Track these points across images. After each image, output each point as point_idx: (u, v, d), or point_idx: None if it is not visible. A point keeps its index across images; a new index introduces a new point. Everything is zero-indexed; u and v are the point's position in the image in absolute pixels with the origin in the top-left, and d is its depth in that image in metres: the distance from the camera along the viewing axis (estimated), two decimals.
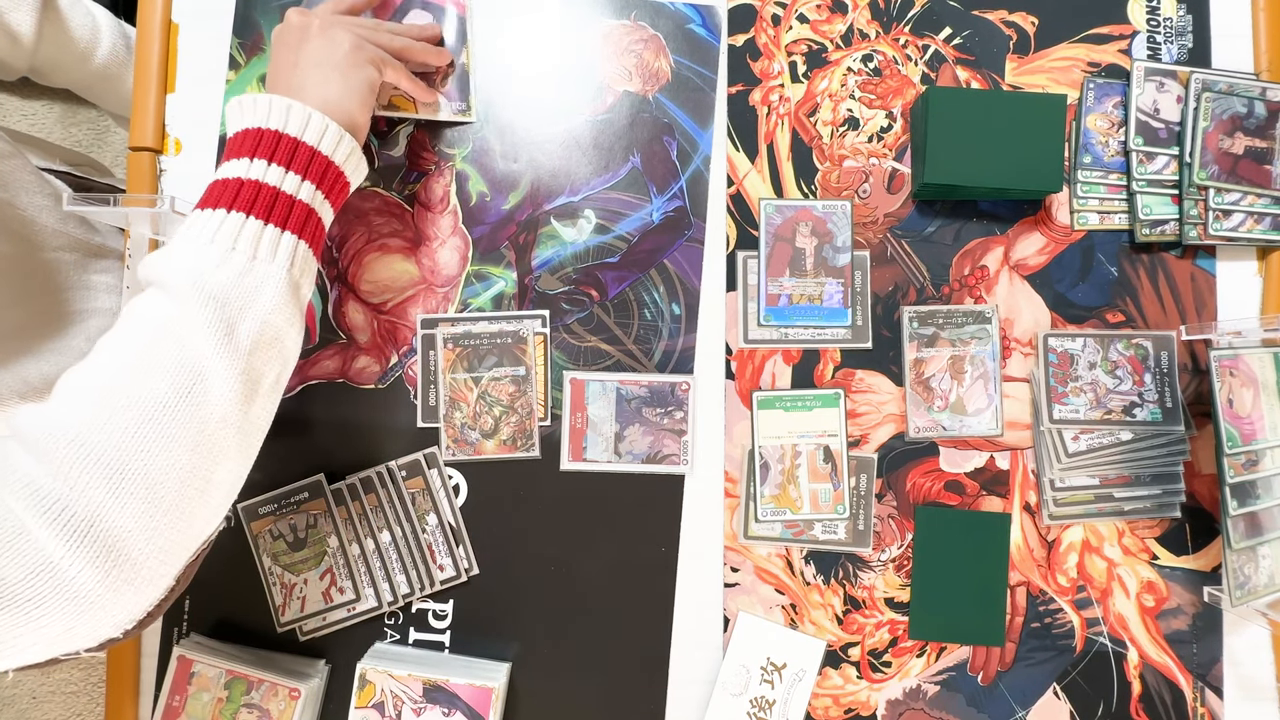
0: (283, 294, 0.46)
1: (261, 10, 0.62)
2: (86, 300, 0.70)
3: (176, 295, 0.43)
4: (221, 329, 0.43)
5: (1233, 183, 0.61)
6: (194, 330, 0.42)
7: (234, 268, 0.45)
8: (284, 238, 0.47)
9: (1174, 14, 0.63)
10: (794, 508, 0.61)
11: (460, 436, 0.61)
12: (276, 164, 0.47)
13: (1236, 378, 0.58)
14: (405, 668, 0.57)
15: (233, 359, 0.43)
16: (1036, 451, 0.62)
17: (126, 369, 0.42)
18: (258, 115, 0.48)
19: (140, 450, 0.40)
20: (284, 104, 0.48)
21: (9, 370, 0.62)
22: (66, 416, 0.40)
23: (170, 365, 0.42)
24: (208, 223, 0.46)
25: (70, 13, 0.74)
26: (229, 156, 0.48)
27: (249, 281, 0.45)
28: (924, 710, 0.61)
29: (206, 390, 0.42)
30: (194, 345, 0.42)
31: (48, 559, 0.37)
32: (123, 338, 0.43)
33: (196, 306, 0.43)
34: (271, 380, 0.46)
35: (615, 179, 0.63)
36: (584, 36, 0.63)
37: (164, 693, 0.58)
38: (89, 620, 0.39)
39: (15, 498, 0.38)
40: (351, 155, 0.51)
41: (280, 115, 0.48)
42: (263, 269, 0.46)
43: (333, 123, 0.50)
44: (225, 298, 0.44)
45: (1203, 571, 0.62)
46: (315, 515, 0.60)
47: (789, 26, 0.63)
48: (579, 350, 0.62)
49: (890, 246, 0.63)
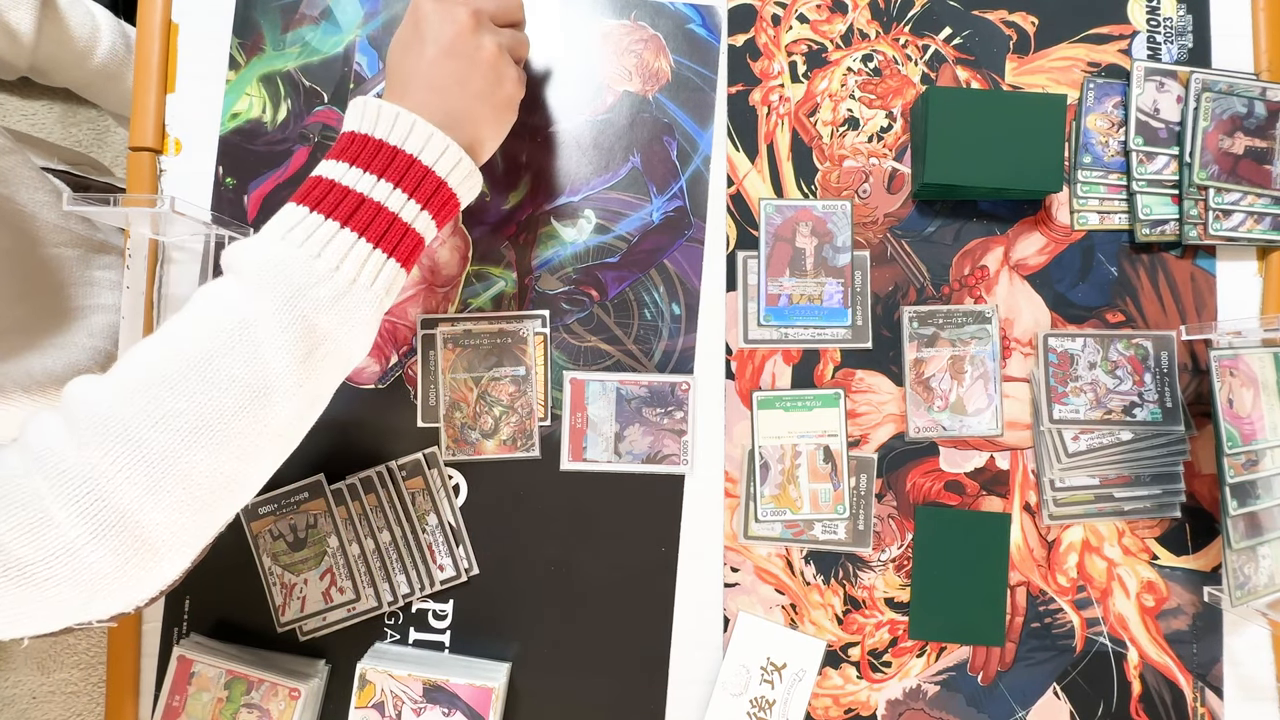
0: (371, 321, 0.45)
1: (261, 10, 0.62)
2: (89, 296, 0.71)
3: (266, 303, 0.41)
4: (302, 351, 0.42)
5: (1233, 183, 0.61)
6: (275, 348, 0.41)
7: (333, 289, 0.42)
8: (387, 265, 0.45)
9: (1174, 14, 0.63)
10: (794, 508, 0.61)
11: (460, 436, 0.61)
12: (402, 191, 0.45)
13: (1236, 378, 0.58)
14: (405, 668, 0.57)
15: (303, 379, 0.42)
16: (1036, 451, 0.62)
17: (194, 370, 0.40)
18: (381, 126, 0.46)
19: (188, 455, 0.39)
20: (409, 121, 0.46)
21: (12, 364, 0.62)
22: (121, 407, 0.39)
23: (239, 377, 0.40)
24: (319, 232, 0.43)
25: (70, 12, 0.74)
26: (346, 158, 0.45)
27: (344, 305, 0.43)
28: (924, 710, 0.61)
29: (269, 406, 0.41)
30: (269, 362, 0.41)
31: (69, 545, 0.37)
32: (197, 330, 0.41)
33: (285, 323, 0.41)
34: (329, 393, 0.45)
35: (615, 179, 0.63)
36: (584, 36, 0.63)
37: (164, 693, 0.58)
38: (104, 599, 0.39)
39: (47, 481, 0.37)
40: (468, 177, 0.48)
41: (403, 132, 0.46)
42: (360, 294, 0.44)
43: (454, 144, 0.47)
44: (315, 321, 0.42)
45: (1203, 571, 0.62)
46: (315, 515, 0.60)
47: (789, 26, 0.63)
48: (579, 350, 0.62)
49: (890, 246, 0.63)
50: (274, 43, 0.62)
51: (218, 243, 0.61)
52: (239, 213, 0.62)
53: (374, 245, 0.44)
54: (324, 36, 0.62)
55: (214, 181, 0.62)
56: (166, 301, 0.61)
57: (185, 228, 0.59)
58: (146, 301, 0.61)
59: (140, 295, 0.61)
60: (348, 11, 0.63)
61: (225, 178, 0.62)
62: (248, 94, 0.62)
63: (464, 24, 0.49)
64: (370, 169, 0.45)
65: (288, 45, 0.62)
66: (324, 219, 0.43)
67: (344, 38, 0.62)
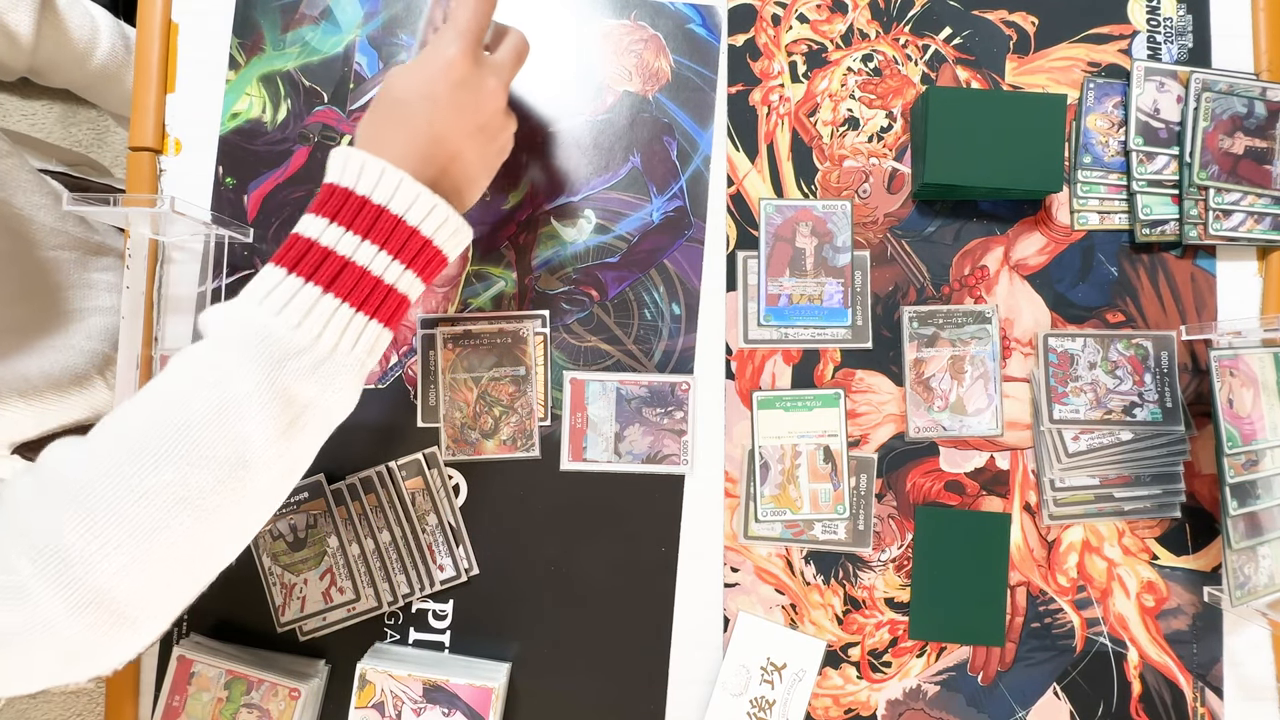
0: (353, 384, 0.44)
1: (261, 10, 0.62)
2: (87, 299, 0.71)
3: (247, 377, 0.40)
4: (283, 422, 0.41)
5: (1233, 183, 0.61)
6: (256, 423, 0.40)
7: (314, 357, 0.42)
8: (369, 327, 0.44)
9: (1174, 14, 0.63)
10: (794, 508, 0.61)
11: (460, 436, 0.61)
12: (387, 253, 0.43)
13: (1236, 378, 0.58)
14: (405, 668, 0.57)
15: (284, 449, 0.41)
16: (1036, 451, 0.62)
17: (173, 446, 0.39)
18: (364, 182, 0.43)
19: (166, 530, 0.38)
20: (394, 179, 0.43)
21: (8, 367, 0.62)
22: (99, 481, 0.38)
23: (219, 451, 0.39)
24: (299, 298, 0.42)
25: (69, 13, 0.74)
26: (327, 213, 0.43)
27: (325, 372, 0.42)
28: (924, 710, 0.61)
29: (249, 478, 0.40)
30: (249, 436, 0.40)
31: (46, 619, 0.36)
32: (177, 403, 0.40)
33: (267, 397, 0.40)
34: (312, 456, 0.45)
35: (615, 179, 0.63)
36: (584, 36, 0.63)
37: (164, 693, 0.58)
38: (81, 667, 0.39)
39: (23, 556, 0.37)
40: (456, 233, 0.47)
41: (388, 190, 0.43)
42: (341, 360, 0.43)
43: (441, 203, 0.45)
44: (296, 391, 0.41)
45: (1203, 571, 0.62)
46: (315, 515, 0.60)
47: (789, 26, 0.63)
48: (579, 350, 0.62)
49: (890, 246, 0.63)
50: (274, 43, 0.62)
51: (217, 242, 0.61)
52: (239, 213, 0.62)
53: (356, 309, 0.43)
54: (324, 36, 0.62)
55: (214, 181, 0.62)
56: (166, 302, 0.61)
57: (185, 228, 0.59)
58: (146, 301, 0.61)
59: (140, 295, 0.61)
60: (348, 11, 0.63)
61: (225, 178, 0.62)
62: (248, 94, 0.62)
63: (457, 64, 0.46)
64: (353, 229, 0.43)
65: (288, 45, 0.62)
66: (304, 283, 0.42)
67: (344, 38, 0.62)
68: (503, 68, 0.49)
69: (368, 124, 0.47)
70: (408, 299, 0.46)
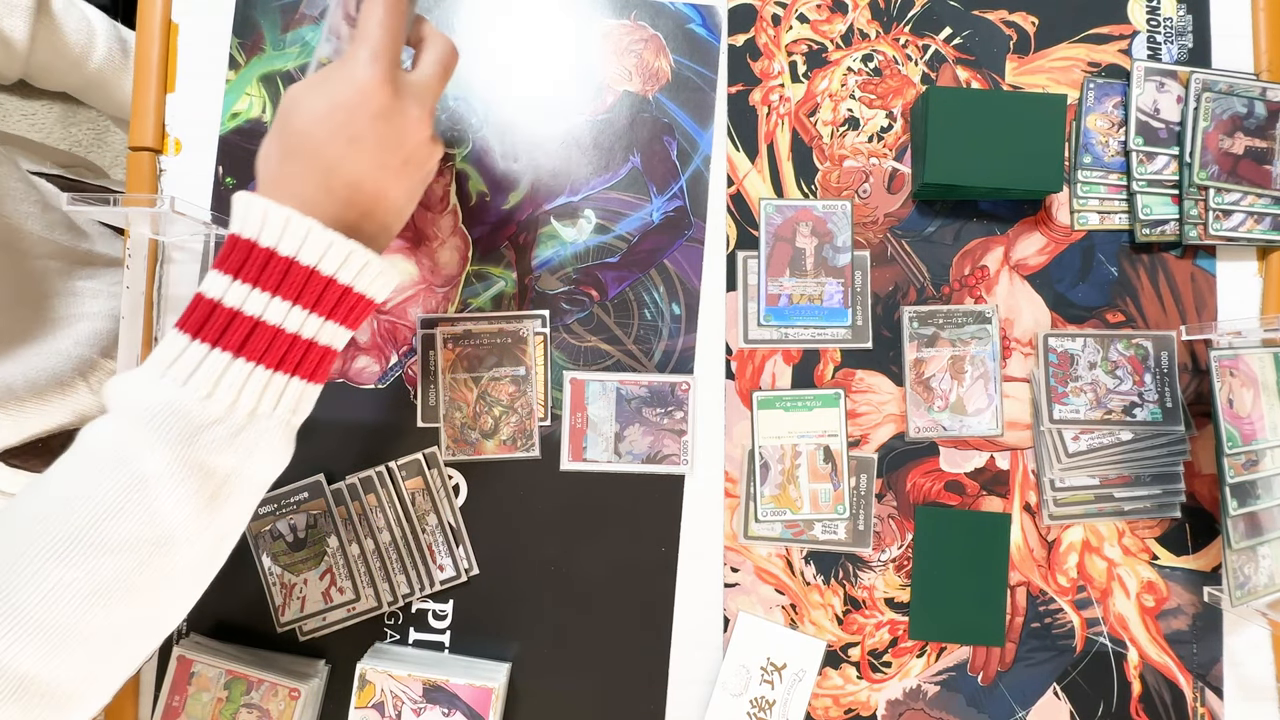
0: (279, 444, 0.41)
1: (261, 10, 0.62)
2: (72, 306, 0.69)
3: (157, 456, 0.37)
4: (203, 497, 0.38)
5: (1233, 183, 0.61)
6: (172, 503, 0.37)
7: (230, 426, 0.39)
8: (291, 385, 0.41)
9: (1174, 14, 0.63)
10: (794, 508, 0.61)
11: (460, 436, 0.61)
12: (301, 307, 0.40)
13: (1236, 378, 0.58)
14: (405, 668, 0.57)
15: (208, 522, 0.39)
16: (1036, 451, 0.62)
17: (83, 536, 0.36)
18: (268, 233, 0.39)
19: (85, 619, 0.36)
20: (303, 228, 0.39)
21: None
22: (8, 575, 0.35)
23: (135, 536, 0.37)
24: (206, 366, 0.38)
25: (65, 17, 0.73)
26: (230, 269, 0.39)
27: (245, 439, 0.39)
28: (924, 710, 0.61)
29: (172, 555, 0.38)
30: (166, 516, 0.37)
31: None
32: (84, 490, 0.37)
33: (181, 476, 0.37)
34: (246, 519, 0.42)
35: (615, 179, 0.63)
36: (584, 36, 0.63)
37: (164, 693, 0.58)
38: None
39: None
40: (379, 276, 0.43)
41: (295, 240, 0.39)
42: (262, 424, 0.40)
43: (358, 248, 0.41)
44: (214, 465, 0.38)
45: (1203, 571, 0.62)
46: (315, 515, 0.60)
47: (789, 26, 0.63)
48: (579, 350, 0.62)
49: (890, 246, 0.63)
50: (274, 42, 0.62)
51: (218, 242, 0.61)
52: None
53: (273, 370, 0.40)
54: None
55: (214, 181, 0.62)
56: (166, 302, 0.61)
57: (185, 227, 0.59)
58: (146, 301, 0.61)
59: (140, 295, 0.61)
60: None
61: (225, 177, 0.62)
62: (248, 94, 0.62)
63: (373, 94, 0.40)
64: (260, 285, 0.39)
65: (288, 45, 0.62)
66: (210, 349, 0.38)
67: None
68: (426, 90, 0.44)
69: (271, 158, 0.42)
70: (332, 349, 0.43)
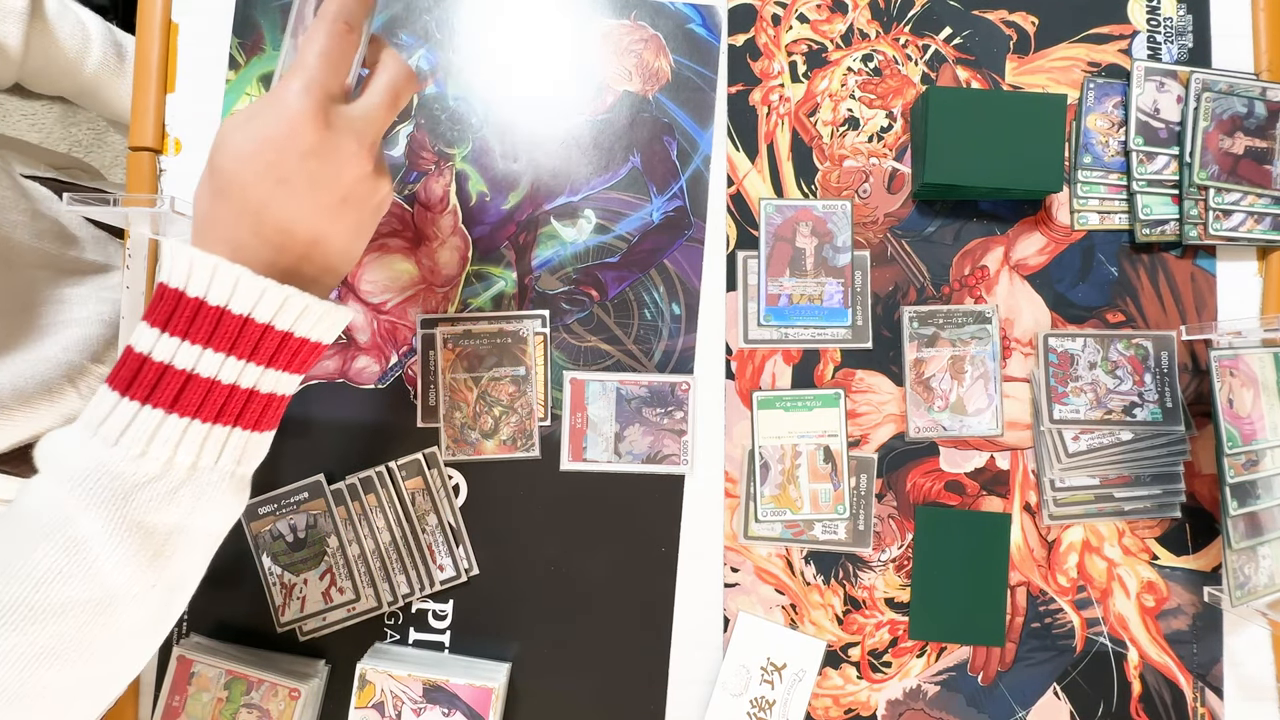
0: (227, 495, 0.39)
1: (261, 10, 0.62)
2: (60, 313, 0.68)
3: (92, 518, 0.36)
4: (146, 555, 0.37)
5: (1233, 183, 0.61)
6: (112, 564, 0.36)
7: (168, 483, 0.37)
8: (234, 436, 0.38)
9: (1174, 14, 0.63)
10: (794, 508, 0.61)
11: (460, 436, 0.61)
12: (236, 357, 0.37)
13: (1236, 378, 0.58)
14: (405, 668, 0.57)
15: (155, 578, 0.37)
16: (1036, 451, 0.62)
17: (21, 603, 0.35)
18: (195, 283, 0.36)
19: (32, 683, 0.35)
20: (231, 277, 0.36)
21: None
22: None
23: (76, 599, 0.35)
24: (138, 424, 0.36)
25: (59, 23, 0.72)
26: (159, 322, 0.37)
27: (185, 495, 0.37)
28: (924, 710, 0.61)
29: (120, 614, 0.36)
30: (108, 577, 0.36)
31: None
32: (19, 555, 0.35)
33: (119, 537, 0.36)
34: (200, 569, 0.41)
35: (615, 179, 0.63)
36: (584, 36, 0.63)
37: (164, 693, 0.58)
38: None
39: None
40: (323, 318, 0.40)
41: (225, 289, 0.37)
42: (204, 478, 0.38)
43: (294, 294, 0.38)
44: (154, 523, 0.37)
45: (1203, 571, 0.62)
46: (315, 515, 0.60)
47: (789, 26, 0.63)
48: (579, 350, 0.62)
49: (890, 246, 0.63)
50: (274, 42, 0.62)
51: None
52: None
53: (211, 423, 0.37)
54: None
55: None
56: None
57: (185, 227, 0.59)
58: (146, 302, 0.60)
59: (140, 295, 0.61)
60: None
61: None
62: (248, 94, 0.62)
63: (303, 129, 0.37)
64: (190, 338, 0.37)
65: None
66: (140, 407, 0.36)
67: None
68: (367, 123, 0.40)
69: (203, 199, 0.39)
70: (277, 395, 0.40)
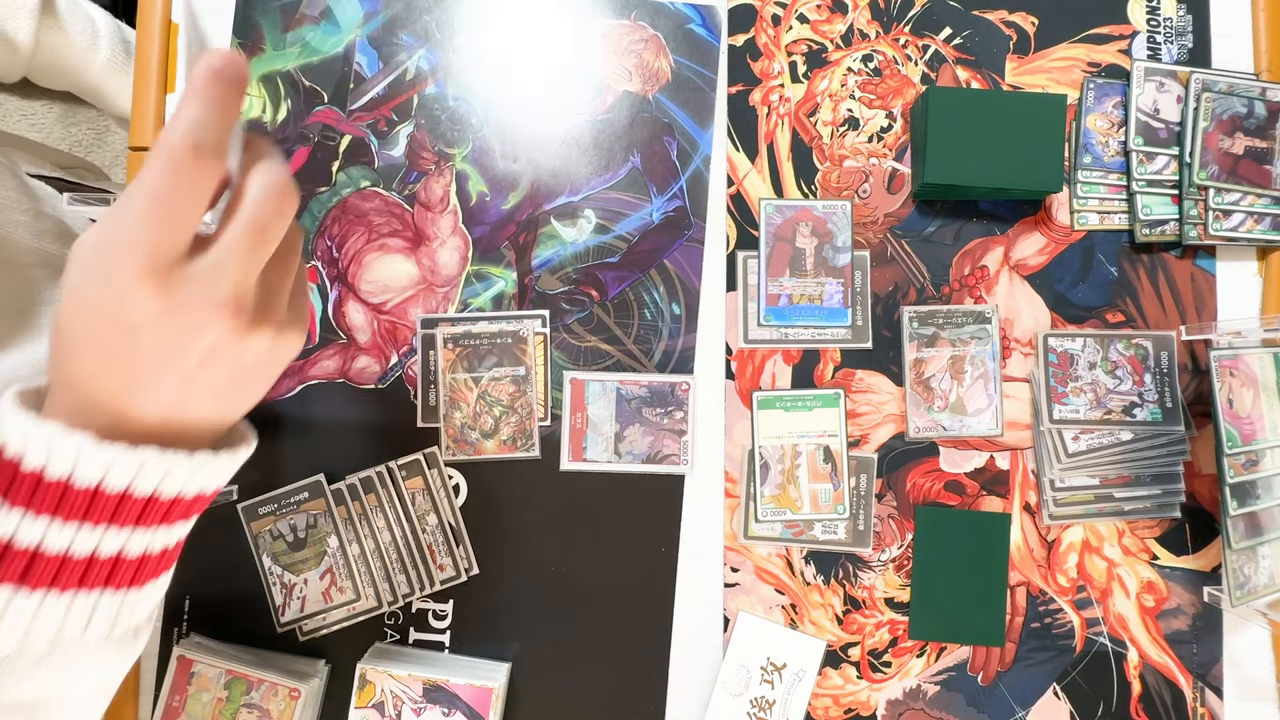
0: (105, 658, 0.36)
1: (261, 10, 0.62)
2: None
3: None
4: None
5: (1233, 183, 0.61)
6: None
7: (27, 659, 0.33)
8: (104, 600, 0.34)
9: (1174, 14, 0.63)
10: (794, 508, 0.61)
11: (460, 436, 0.61)
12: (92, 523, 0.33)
13: (1236, 378, 0.58)
14: (405, 668, 0.57)
15: None
16: (1036, 451, 0.62)
17: None
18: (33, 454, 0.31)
19: None
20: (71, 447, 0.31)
21: None
22: None
23: None
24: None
25: (69, 19, 0.73)
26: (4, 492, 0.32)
27: (52, 665, 0.34)
28: (924, 710, 0.61)
29: None
30: None
31: None
32: None
33: None
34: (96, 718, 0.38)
35: (615, 179, 0.63)
36: (584, 36, 0.63)
37: (164, 693, 0.58)
38: None
39: None
40: (199, 470, 0.35)
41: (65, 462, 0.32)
42: (72, 645, 0.34)
43: (151, 457, 0.33)
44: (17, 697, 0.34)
45: (1203, 571, 0.62)
46: (315, 515, 0.60)
47: (789, 26, 0.63)
48: (579, 350, 0.62)
49: (890, 246, 0.63)
50: (274, 43, 0.62)
51: None
52: None
53: (74, 590, 0.33)
54: (324, 36, 0.62)
55: None
56: None
57: None
58: None
59: None
60: (348, 11, 0.63)
61: None
62: (248, 94, 0.62)
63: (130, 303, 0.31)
64: (34, 509, 0.32)
65: (288, 45, 0.62)
66: None
67: (344, 38, 0.62)
68: (219, 275, 0.32)
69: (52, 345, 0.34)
70: (152, 553, 0.35)
